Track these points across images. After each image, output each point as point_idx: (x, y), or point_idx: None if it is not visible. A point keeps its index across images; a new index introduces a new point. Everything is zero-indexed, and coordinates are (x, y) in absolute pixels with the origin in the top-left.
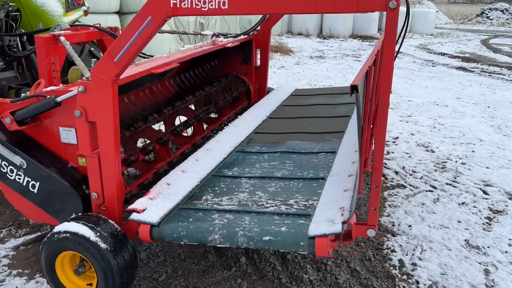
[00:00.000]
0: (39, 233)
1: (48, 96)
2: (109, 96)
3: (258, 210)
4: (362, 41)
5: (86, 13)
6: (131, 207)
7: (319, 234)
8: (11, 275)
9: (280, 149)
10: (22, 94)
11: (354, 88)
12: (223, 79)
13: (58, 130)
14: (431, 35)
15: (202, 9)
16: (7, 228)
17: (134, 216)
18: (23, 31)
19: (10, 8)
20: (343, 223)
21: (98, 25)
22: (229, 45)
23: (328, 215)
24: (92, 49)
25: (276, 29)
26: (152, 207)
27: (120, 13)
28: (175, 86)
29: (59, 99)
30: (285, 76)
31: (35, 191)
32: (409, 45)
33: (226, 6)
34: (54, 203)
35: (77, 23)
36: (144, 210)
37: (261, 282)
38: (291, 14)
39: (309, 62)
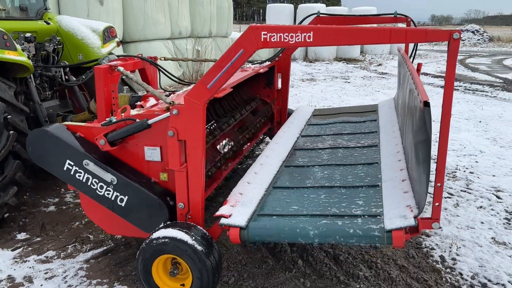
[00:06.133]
0: (105, 247)
1: (137, 120)
2: (200, 117)
3: (330, 214)
4: (347, 63)
5: (118, 44)
6: (218, 213)
7: (395, 227)
8: (92, 284)
9: (324, 162)
10: (107, 119)
11: (426, 104)
12: (251, 103)
13: (143, 149)
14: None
15: (290, 42)
16: (72, 245)
17: (223, 220)
18: (67, 63)
19: (57, 42)
20: (415, 217)
21: (141, 55)
22: (261, 70)
23: (399, 212)
24: (123, 77)
25: (263, 54)
26: (236, 213)
27: (123, 42)
28: (208, 110)
29: (150, 121)
30: None
31: (123, 205)
32: (393, 66)
33: (311, 40)
34: (140, 214)
35: (111, 54)
36: (230, 215)
37: (321, 280)
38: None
39: (302, 84)
